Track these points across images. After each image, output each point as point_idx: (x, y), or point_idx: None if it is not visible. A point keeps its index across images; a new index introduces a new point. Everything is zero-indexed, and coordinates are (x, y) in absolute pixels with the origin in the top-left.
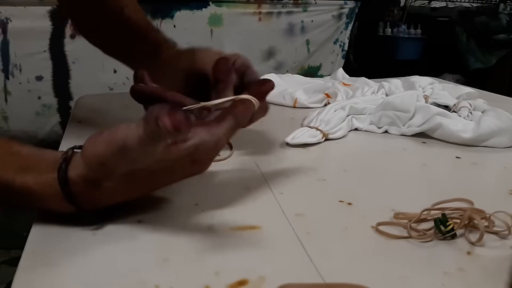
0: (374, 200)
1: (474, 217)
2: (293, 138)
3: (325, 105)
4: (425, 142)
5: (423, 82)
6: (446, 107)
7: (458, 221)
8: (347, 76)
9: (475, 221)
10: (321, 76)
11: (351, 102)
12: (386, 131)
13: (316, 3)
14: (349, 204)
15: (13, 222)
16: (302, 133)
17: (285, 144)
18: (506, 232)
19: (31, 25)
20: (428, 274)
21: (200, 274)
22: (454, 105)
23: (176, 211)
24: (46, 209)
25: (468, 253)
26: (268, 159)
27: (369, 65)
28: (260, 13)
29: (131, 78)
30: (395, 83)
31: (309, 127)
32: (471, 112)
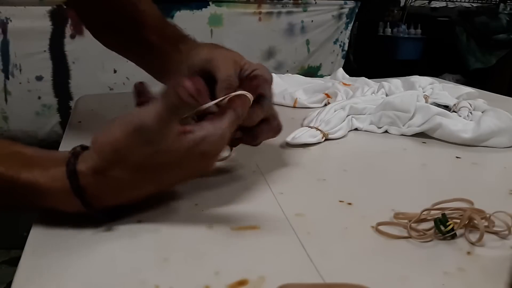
0: (374, 200)
1: (474, 217)
2: (293, 138)
3: (325, 105)
4: (425, 142)
5: (423, 82)
6: (446, 107)
7: (458, 221)
8: (347, 76)
9: (475, 221)
10: (321, 76)
11: (351, 102)
12: (386, 131)
13: (316, 3)
14: (349, 204)
15: (13, 222)
16: (302, 133)
17: (285, 144)
18: (506, 232)
19: (31, 25)
20: (428, 274)
21: (200, 274)
22: (454, 105)
23: (176, 211)
24: (51, 207)
25: (468, 253)
26: (268, 159)
27: (369, 65)
28: (260, 13)
29: (131, 78)
30: (395, 83)
31: (309, 127)
32: (471, 112)
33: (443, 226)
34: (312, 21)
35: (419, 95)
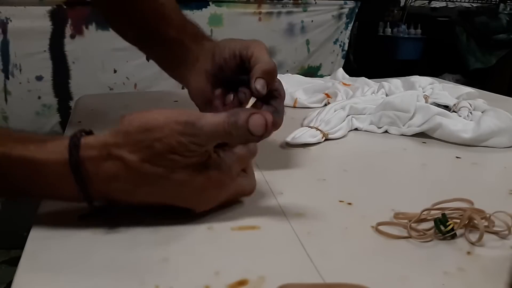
0: (374, 200)
1: (474, 217)
2: (293, 138)
3: (325, 105)
4: (425, 142)
5: (423, 82)
6: (446, 107)
7: (458, 221)
8: (347, 76)
9: (475, 221)
10: (321, 76)
11: (351, 102)
12: (386, 131)
13: (316, 3)
14: (349, 204)
15: (13, 222)
16: (302, 133)
17: (285, 144)
18: (506, 232)
19: (31, 25)
20: (428, 274)
21: (200, 274)
22: (454, 105)
23: (176, 211)
24: (44, 193)
25: (468, 253)
26: (268, 159)
27: (369, 65)
28: (260, 13)
29: (131, 78)
30: (395, 83)
31: (309, 127)
32: (471, 112)
33: (443, 226)
34: (312, 21)
35: (419, 95)
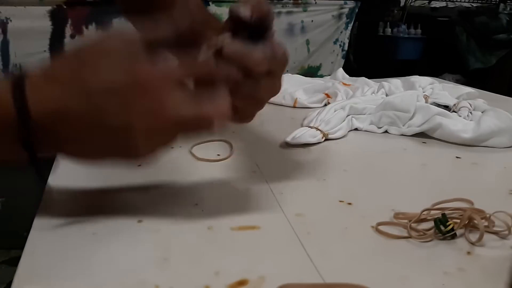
0: (374, 200)
1: (474, 217)
2: (293, 138)
3: (325, 105)
4: (425, 142)
5: (423, 82)
6: (446, 107)
7: (458, 221)
8: (347, 76)
9: (475, 221)
10: (321, 76)
11: (351, 102)
12: (386, 131)
13: (316, 3)
14: (349, 204)
15: (13, 222)
16: (302, 133)
17: (285, 144)
18: (506, 232)
19: (31, 25)
20: (428, 274)
21: (200, 274)
22: (454, 105)
23: (176, 211)
24: None
25: (468, 253)
26: (268, 159)
27: (369, 65)
28: None
29: None
30: (395, 83)
31: (309, 127)
32: (471, 112)
33: (443, 226)
34: (312, 21)
35: (419, 95)
